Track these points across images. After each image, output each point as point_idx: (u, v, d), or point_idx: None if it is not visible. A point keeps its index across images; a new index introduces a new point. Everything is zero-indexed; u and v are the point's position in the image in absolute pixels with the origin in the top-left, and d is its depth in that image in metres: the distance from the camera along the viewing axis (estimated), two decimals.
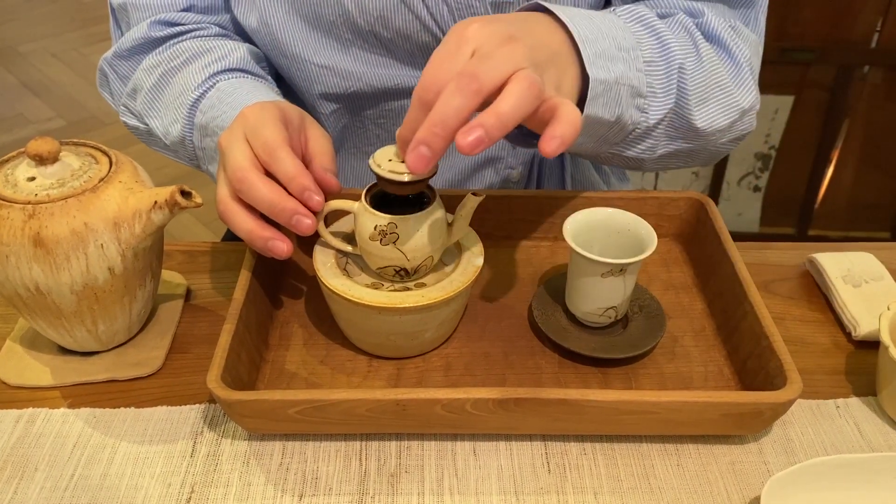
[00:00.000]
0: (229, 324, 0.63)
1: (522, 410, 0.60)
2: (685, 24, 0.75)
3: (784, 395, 0.59)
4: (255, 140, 0.63)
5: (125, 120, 0.88)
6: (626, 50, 0.67)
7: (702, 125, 0.74)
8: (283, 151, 0.62)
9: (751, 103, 0.77)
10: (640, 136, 0.72)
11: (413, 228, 0.63)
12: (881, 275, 0.77)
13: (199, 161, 0.81)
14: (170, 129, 0.80)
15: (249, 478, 0.61)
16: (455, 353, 0.70)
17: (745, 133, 0.79)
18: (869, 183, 1.99)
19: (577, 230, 0.69)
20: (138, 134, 0.88)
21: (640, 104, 0.69)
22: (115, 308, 0.65)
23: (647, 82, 0.69)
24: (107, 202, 0.61)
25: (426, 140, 0.52)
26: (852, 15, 1.76)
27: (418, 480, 0.61)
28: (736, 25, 0.78)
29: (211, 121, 0.74)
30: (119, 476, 0.61)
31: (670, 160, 0.79)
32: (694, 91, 0.72)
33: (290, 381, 0.67)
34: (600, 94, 0.64)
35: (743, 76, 0.76)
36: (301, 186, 0.62)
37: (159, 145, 0.85)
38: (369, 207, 0.64)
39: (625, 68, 0.66)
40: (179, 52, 0.80)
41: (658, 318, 0.71)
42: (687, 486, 0.61)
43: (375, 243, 0.64)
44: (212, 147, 0.76)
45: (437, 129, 0.51)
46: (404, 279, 0.67)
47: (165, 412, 0.66)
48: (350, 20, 0.79)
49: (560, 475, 0.61)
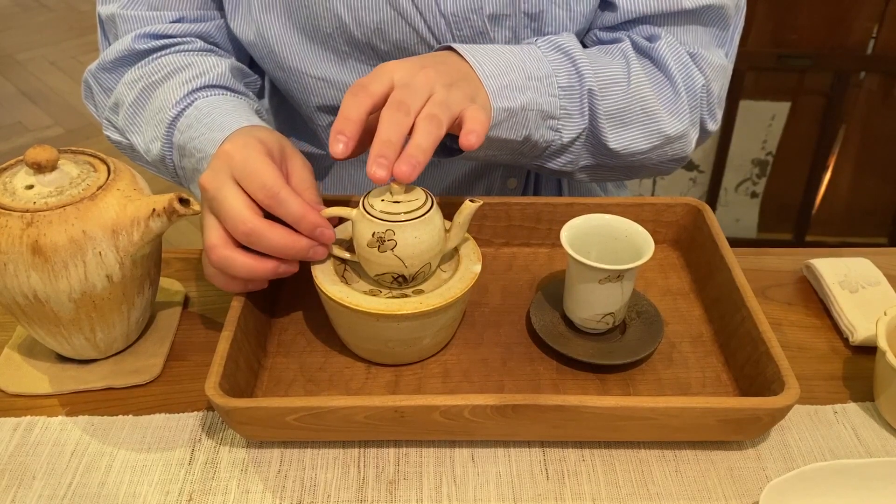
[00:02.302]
0: (227, 331, 0.63)
1: (520, 417, 0.60)
2: (623, 50, 0.79)
3: (781, 400, 0.60)
4: (249, 183, 0.63)
5: (108, 134, 0.87)
6: (537, 79, 0.73)
7: (616, 147, 0.79)
8: (285, 192, 0.62)
9: (680, 131, 0.81)
10: (557, 151, 0.79)
11: (411, 235, 0.63)
12: (878, 280, 0.77)
13: (180, 179, 0.80)
14: (150, 146, 0.79)
15: (248, 485, 0.61)
16: (453, 359, 0.70)
17: (680, 157, 0.84)
18: (866, 189, 1.99)
19: (574, 236, 0.69)
20: (121, 149, 0.87)
21: (552, 125, 0.76)
22: (113, 316, 0.65)
23: (561, 105, 0.75)
24: (105, 210, 0.62)
25: (384, 153, 0.59)
26: (848, 21, 1.76)
27: (416, 487, 0.61)
28: (698, 53, 0.81)
29: (188, 141, 0.73)
30: (117, 484, 0.61)
31: (602, 173, 0.84)
32: (607, 113, 0.77)
33: (288, 389, 0.67)
34: (504, 119, 0.70)
35: (678, 104, 0.81)
36: (312, 225, 0.63)
37: (142, 161, 0.85)
38: (367, 214, 0.64)
39: (534, 95, 0.73)
40: (161, 67, 0.79)
41: (656, 324, 0.71)
42: (685, 492, 0.61)
43: (373, 250, 0.64)
44: (190, 168, 0.75)
45: (387, 146, 0.59)
46: (402, 286, 0.67)
47: (163, 420, 0.66)
48: (347, 32, 0.79)
49: (558, 481, 0.61)
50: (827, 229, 2.07)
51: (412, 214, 0.64)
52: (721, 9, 0.81)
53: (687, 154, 0.85)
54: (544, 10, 0.79)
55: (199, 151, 0.71)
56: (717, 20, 0.82)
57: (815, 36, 1.79)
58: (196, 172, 0.73)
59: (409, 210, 0.64)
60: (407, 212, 0.64)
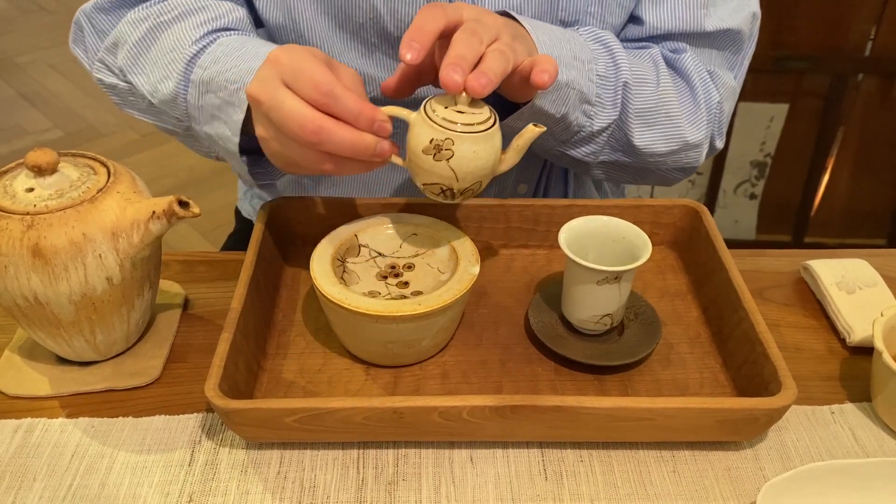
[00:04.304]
0: (227, 333, 0.63)
1: (519, 418, 0.60)
2: (653, 55, 0.82)
3: (779, 401, 0.60)
4: (302, 84, 0.60)
5: (100, 77, 0.81)
6: (581, 61, 0.74)
7: (639, 144, 0.81)
8: (339, 88, 0.60)
9: (698, 140, 0.84)
10: (584, 139, 0.80)
11: (469, 149, 0.62)
12: (875, 281, 0.78)
13: (190, 121, 0.75)
14: (159, 86, 0.74)
15: (247, 486, 0.61)
16: (452, 360, 0.70)
17: (690, 166, 0.87)
18: (864, 191, 1.99)
19: (572, 238, 0.69)
20: (115, 93, 0.82)
21: (586, 110, 0.77)
22: (113, 318, 0.66)
23: (597, 93, 0.77)
24: (105, 213, 0.62)
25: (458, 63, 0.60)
26: (846, 23, 1.77)
27: (415, 489, 0.61)
28: (715, 72, 0.86)
29: (217, 75, 0.69)
30: (117, 485, 0.61)
31: (616, 172, 0.87)
32: (637, 110, 0.80)
33: (287, 390, 0.67)
34: (550, 91, 0.71)
35: (698, 114, 0.84)
36: (370, 119, 0.60)
37: (138, 106, 0.80)
38: (428, 118, 0.62)
39: (577, 75, 0.74)
40: (170, 8, 0.75)
41: (654, 325, 0.71)
42: (683, 493, 0.61)
43: (428, 157, 0.62)
44: (213, 104, 0.70)
45: (461, 59, 0.60)
46: (447, 199, 0.65)
47: (163, 421, 0.66)
48: (380, 24, 0.78)
49: (557, 482, 0.62)
50: (825, 231, 2.07)
51: (475, 127, 0.62)
52: (738, 34, 0.85)
53: (697, 165, 0.87)
54: (579, 21, 0.81)
55: (234, 83, 0.68)
56: (732, 44, 0.86)
57: (812, 38, 1.79)
58: (228, 105, 0.69)
59: (472, 122, 0.62)
60: (470, 123, 0.62)
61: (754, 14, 0.86)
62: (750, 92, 1.87)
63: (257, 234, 0.74)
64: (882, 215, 2.02)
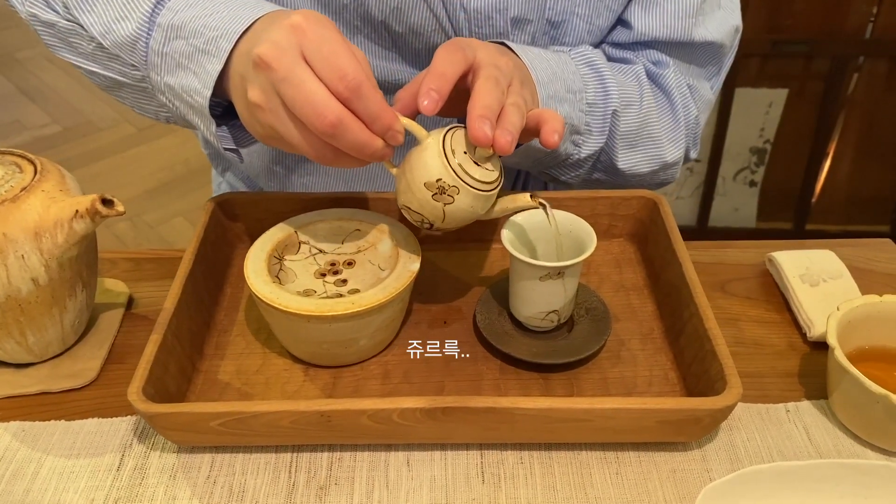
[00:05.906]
0: (156, 334, 0.62)
1: (451, 420, 0.58)
2: (638, 75, 0.81)
3: (721, 401, 0.57)
4: (326, 68, 0.55)
5: (34, 11, 0.70)
6: (573, 92, 0.75)
7: (623, 167, 0.82)
8: (367, 86, 0.56)
9: (676, 158, 0.85)
10: (572, 165, 0.81)
11: (468, 203, 0.61)
12: (840, 273, 0.75)
13: (148, 69, 0.66)
14: (114, 26, 0.66)
15: (175, 491, 0.59)
16: (395, 360, 0.68)
17: (667, 182, 0.89)
18: (867, 176, 1.95)
19: (518, 233, 0.67)
20: (52, 34, 0.71)
21: (575, 139, 0.78)
22: (44, 319, 0.64)
23: (586, 121, 0.77)
24: (27, 212, 0.60)
25: (486, 115, 0.59)
26: (845, 5, 1.72)
27: (347, 493, 0.59)
28: (694, 86, 0.85)
29: (192, 20, 0.62)
30: (42, 491, 0.59)
31: (594, 184, 0.86)
32: (623, 135, 0.80)
33: (222, 392, 0.65)
34: None
35: (677, 132, 0.84)
36: (386, 126, 0.57)
37: (81, 50, 0.70)
38: (445, 155, 0.60)
39: (570, 109, 0.74)
40: None
41: (604, 321, 0.69)
42: (624, 496, 0.59)
43: (427, 192, 0.60)
44: (182, 51, 0.63)
45: (489, 110, 0.59)
46: (421, 227, 0.64)
47: (96, 424, 0.64)
48: (364, 7, 0.74)
49: (494, 485, 0.60)
50: (828, 218, 2.03)
51: (484, 185, 0.61)
52: (721, 46, 0.84)
53: (672, 181, 0.89)
54: (567, 21, 0.79)
55: (214, 30, 0.61)
56: (713, 57, 0.85)
57: (811, 21, 1.75)
58: (202, 53, 0.62)
59: (484, 180, 0.61)
60: (481, 181, 0.61)
61: (736, 28, 0.85)
62: (748, 77, 1.83)
63: (199, 231, 0.72)
64: (885, 201, 1.98)
